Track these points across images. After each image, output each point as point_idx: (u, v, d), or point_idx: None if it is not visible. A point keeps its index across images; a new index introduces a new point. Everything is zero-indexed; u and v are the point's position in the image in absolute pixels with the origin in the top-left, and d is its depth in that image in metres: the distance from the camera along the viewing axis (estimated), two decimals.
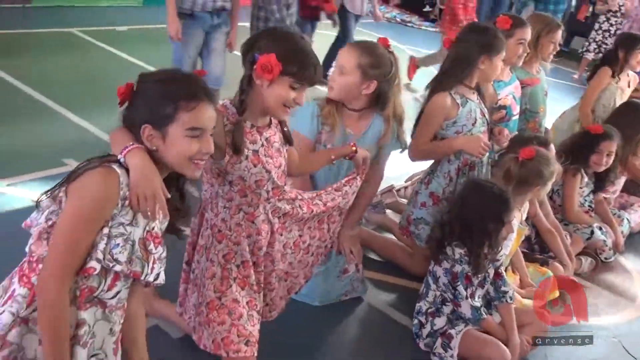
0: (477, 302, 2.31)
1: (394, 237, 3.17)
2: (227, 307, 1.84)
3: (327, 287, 2.56)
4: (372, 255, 3.04)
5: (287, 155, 1.97)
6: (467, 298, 2.29)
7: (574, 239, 3.30)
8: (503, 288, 2.40)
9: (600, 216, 3.58)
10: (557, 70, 7.28)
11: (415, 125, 2.73)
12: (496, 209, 2.25)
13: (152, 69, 3.01)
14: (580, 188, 3.43)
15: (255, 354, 1.86)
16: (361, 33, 6.11)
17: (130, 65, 5.21)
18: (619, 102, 4.06)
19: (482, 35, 2.60)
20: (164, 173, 1.46)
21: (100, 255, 1.34)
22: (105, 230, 1.34)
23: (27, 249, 1.40)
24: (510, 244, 2.56)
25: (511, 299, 2.39)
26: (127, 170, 1.38)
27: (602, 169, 3.37)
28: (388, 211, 3.46)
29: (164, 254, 1.51)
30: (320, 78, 1.86)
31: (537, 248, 3.19)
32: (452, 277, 2.31)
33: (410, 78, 5.84)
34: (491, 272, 2.40)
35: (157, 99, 1.42)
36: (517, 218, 2.64)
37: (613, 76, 4.04)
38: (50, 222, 1.36)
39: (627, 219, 3.64)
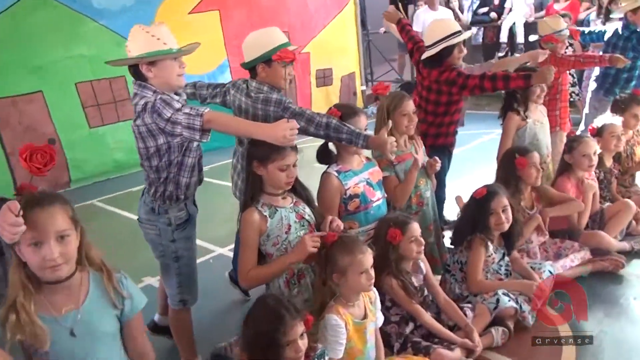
0: None
1: None
2: None
3: None
4: None
5: None
6: None
7: (478, 310, 2.97)
8: None
9: (520, 273, 3.28)
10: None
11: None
12: (271, 330, 2.03)
13: None
14: (490, 257, 3.17)
15: None
16: None
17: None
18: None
19: (255, 147, 2.51)
20: None
21: None
22: None
23: None
24: (341, 349, 2.34)
25: None
26: None
27: (506, 226, 3.14)
28: None
29: None
30: None
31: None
32: None
33: None
34: None
35: None
36: (360, 309, 2.46)
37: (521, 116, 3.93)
38: None
39: (550, 271, 3.27)
